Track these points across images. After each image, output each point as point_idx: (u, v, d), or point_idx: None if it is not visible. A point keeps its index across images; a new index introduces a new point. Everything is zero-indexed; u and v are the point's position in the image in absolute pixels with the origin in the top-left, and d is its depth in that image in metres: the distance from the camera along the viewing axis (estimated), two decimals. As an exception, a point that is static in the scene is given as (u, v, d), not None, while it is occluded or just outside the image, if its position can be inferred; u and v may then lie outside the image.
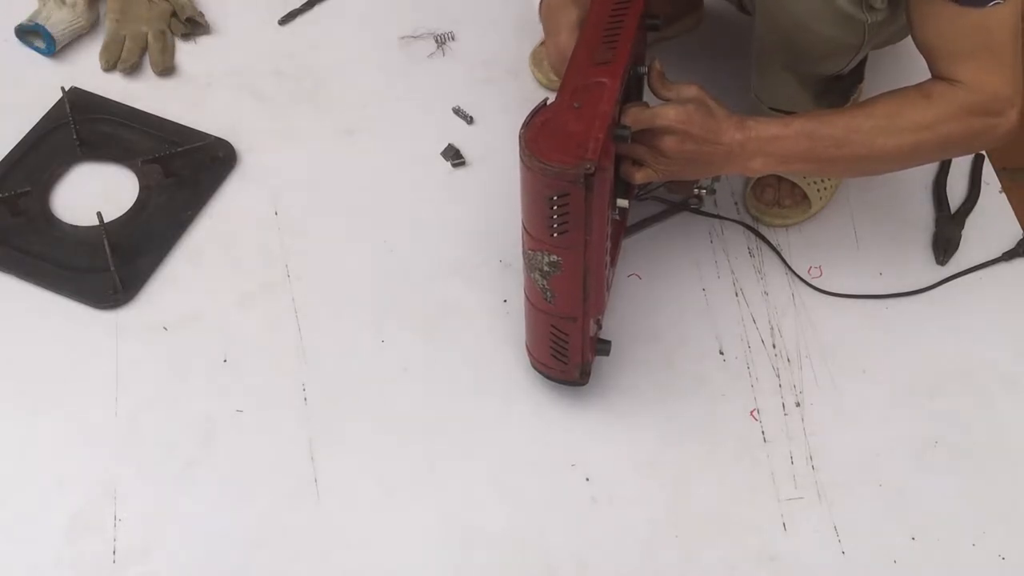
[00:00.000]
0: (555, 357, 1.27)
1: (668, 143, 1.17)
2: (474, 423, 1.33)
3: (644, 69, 1.23)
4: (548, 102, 1.12)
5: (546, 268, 1.16)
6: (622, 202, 1.24)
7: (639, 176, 1.21)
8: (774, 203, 1.50)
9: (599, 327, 1.30)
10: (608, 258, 1.24)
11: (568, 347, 1.25)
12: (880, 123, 1.20)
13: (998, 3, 1.12)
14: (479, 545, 1.24)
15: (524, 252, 1.18)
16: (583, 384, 1.30)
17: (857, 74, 1.44)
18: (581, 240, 1.13)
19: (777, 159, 1.22)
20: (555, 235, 1.12)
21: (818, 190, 1.49)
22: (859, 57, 1.34)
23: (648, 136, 1.18)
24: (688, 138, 1.17)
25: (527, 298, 1.24)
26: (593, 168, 1.05)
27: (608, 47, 1.17)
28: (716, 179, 1.29)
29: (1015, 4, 1.14)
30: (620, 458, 1.31)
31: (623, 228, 1.40)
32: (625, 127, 1.15)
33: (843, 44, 1.29)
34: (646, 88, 1.25)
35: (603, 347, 1.30)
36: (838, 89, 1.44)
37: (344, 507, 1.26)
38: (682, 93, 1.18)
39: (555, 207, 1.09)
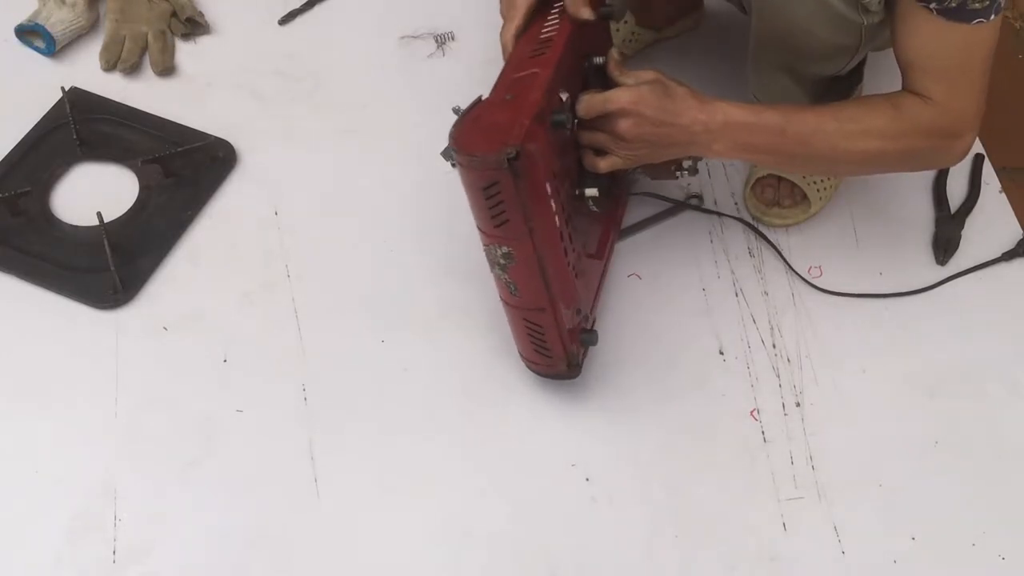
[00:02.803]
0: (538, 351, 1.26)
1: (623, 126, 1.16)
2: (474, 423, 1.33)
3: (602, 60, 1.22)
4: (483, 98, 1.12)
5: (502, 261, 1.16)
6: (591, 191, 1.23)
7: (603, 164, 1.20)
8: (774, 203, 1.50)
9: (584, 318, 1.29)
10: (571, 246, 1.21)
11: (546, 339, 1.24)
12: (846, 127, 1.21)
13: (982, 21, 1.12)
14: (479, 545, 1.24)
15: (484, 250, 1.18)
16: (574, 377, 1.29)
17: (856, 75, 1.44)
18: (524, 227, 1.12)
19: (740, 147, 1.21)
20: (497, 226, 1.12)
21: (818, 190, 1.49)
22: (857, 58, 1.34)
23: (604, 122, 1.17)
24: (643, 120, 1.16)
25: (500, 295, 1.23)
26: (515, 152, 1.04)
27: (545, 39, 1.17)
28: (696, 158, 1.27)
29: (996, 26, 1.14)
30: (620, 458, 1.31)
31: (611, 222, 1.39)
32: (561, 111, 1.13)
33: (839, 46, 1.29)
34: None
35: (588, 337, 1.28)
36: (837, 90, 1.43)
37: (344, 507, 1.26)
38: (640, 78, 1.18)
39: (489, 197, 1.09)
